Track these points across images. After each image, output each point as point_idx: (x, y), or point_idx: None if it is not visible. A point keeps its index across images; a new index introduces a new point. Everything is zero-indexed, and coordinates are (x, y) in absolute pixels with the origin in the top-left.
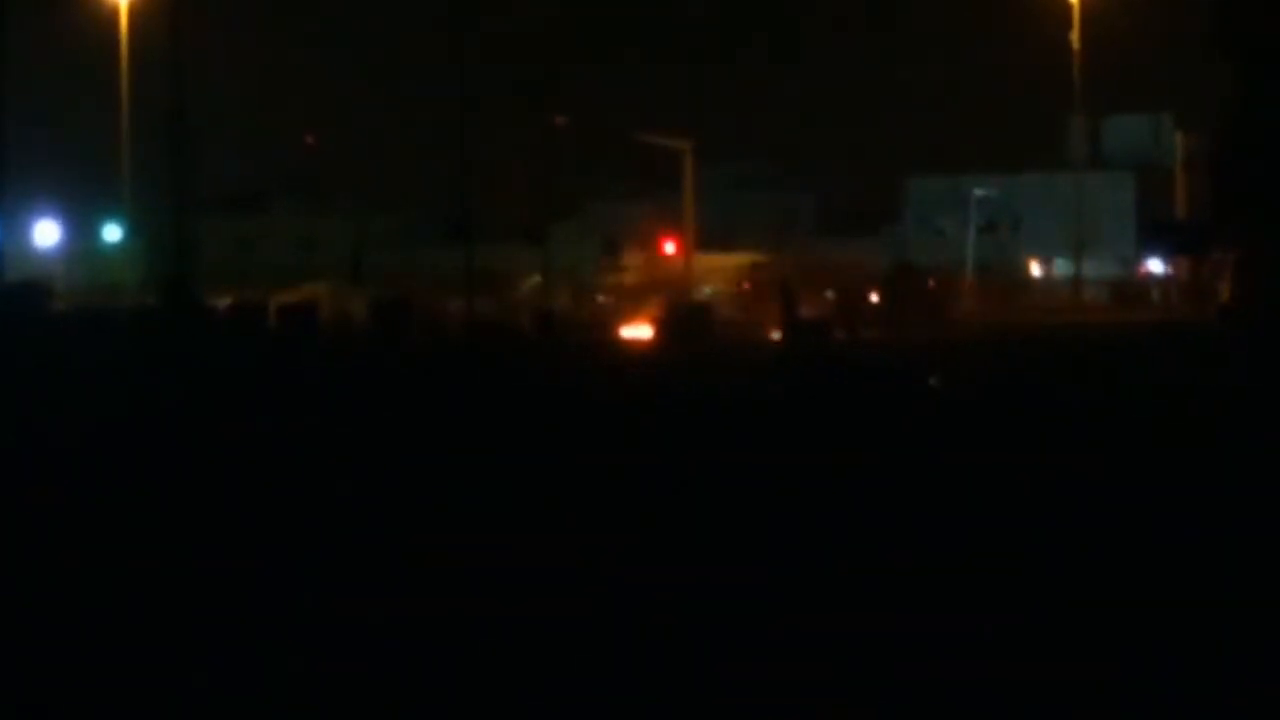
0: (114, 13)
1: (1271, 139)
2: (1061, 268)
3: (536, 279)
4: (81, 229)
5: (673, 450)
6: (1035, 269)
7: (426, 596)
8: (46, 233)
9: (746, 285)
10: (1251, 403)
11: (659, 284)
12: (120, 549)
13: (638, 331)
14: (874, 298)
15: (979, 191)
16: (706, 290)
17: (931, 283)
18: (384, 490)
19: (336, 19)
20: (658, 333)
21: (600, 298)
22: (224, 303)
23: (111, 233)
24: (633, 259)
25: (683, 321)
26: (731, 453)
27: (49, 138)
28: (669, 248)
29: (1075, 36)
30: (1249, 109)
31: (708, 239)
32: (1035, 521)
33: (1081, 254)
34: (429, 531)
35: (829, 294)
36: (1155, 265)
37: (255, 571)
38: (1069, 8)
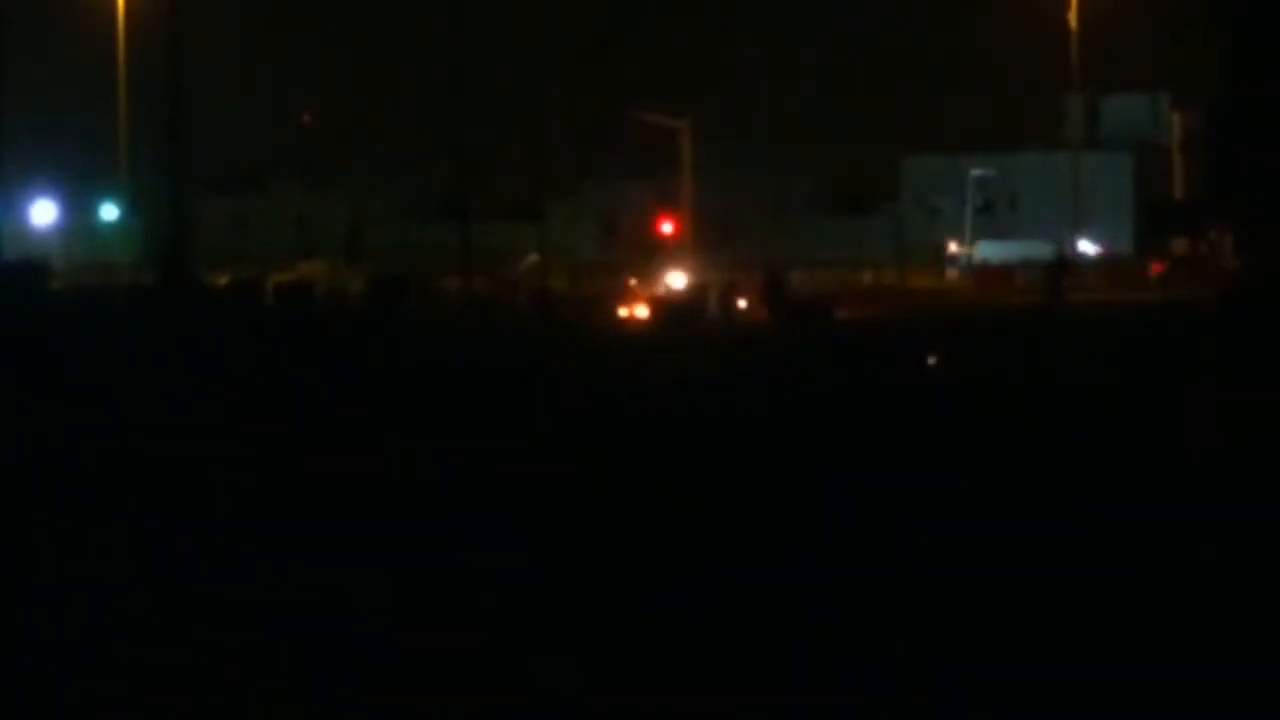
0: None
1: (1265, 118)
2: (984, 251)
3: (534, 257)
4: (79, 207)
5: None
6: (953, 248)
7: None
8: (44, 211)
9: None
10: (1258, 381)
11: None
12: (113, 532)
13: (637, 312)
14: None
15: (976, 171)
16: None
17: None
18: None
19: None
20: (655, 314)
21: (633, 281)
22: (222, 280)
23: (109, 211)
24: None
25: (681, 303)
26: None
27: (47, 116)
28: (666, 227)
29: (1073, 16)
30: (1243, 88)
31: (705, 220)
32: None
33: (1080, 234)
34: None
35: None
36: (1087, 246)
37: (248, 559)
38: None
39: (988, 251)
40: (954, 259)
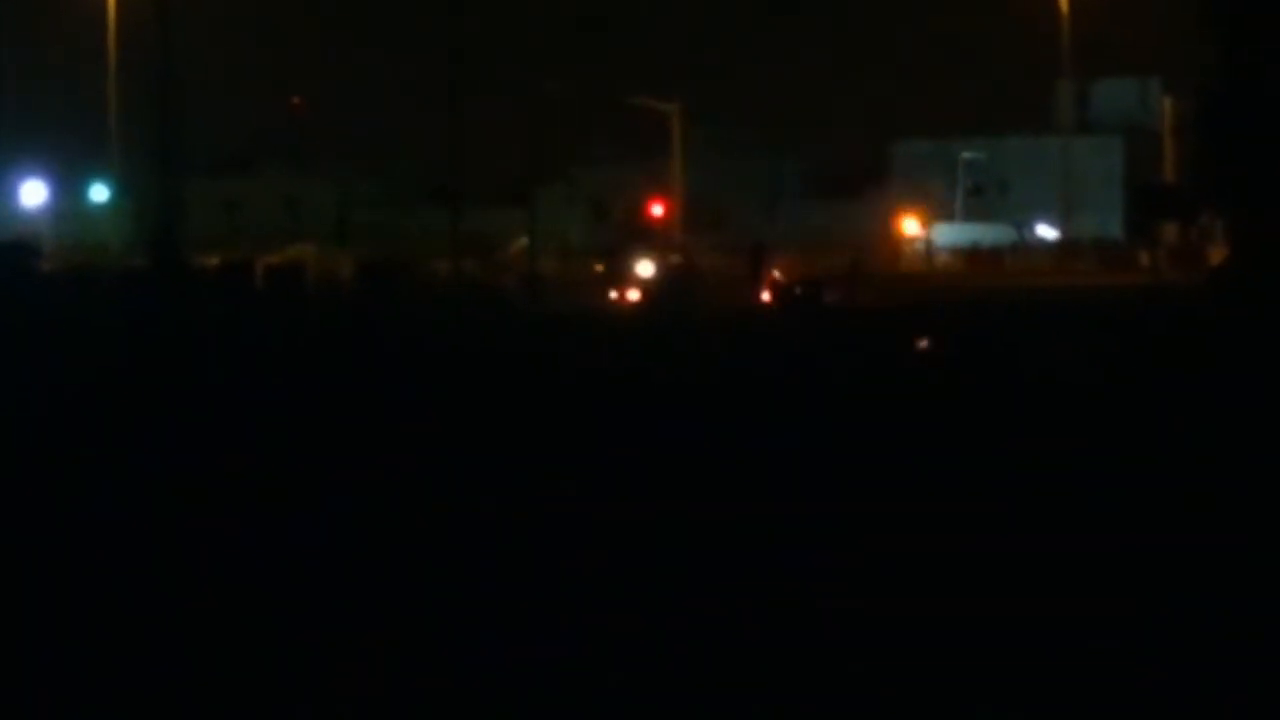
0: None
1: (1255, 106)
2: (943, 235)
3: (524, 241)
4: (68, 189)
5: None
6: (912, 231)
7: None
8: (33, 192)
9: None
10: (1247, 365)
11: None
12: (105, 514)
13: (628, 295)
14: None
15: (966, 155)
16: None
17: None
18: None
19: None
20: (645, 297)
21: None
22: (212, 262)
23: (99, 193)
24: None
25: (671, 285)
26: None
27: (37, 97)
28: (657, 210)
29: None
30: (1234, 75)
31: (695, 204)
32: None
33: (1070, 217)
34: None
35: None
36: (1046, 231)
37: (239, 547)
38: None
39: (951, 235)
40: (913, 242)
